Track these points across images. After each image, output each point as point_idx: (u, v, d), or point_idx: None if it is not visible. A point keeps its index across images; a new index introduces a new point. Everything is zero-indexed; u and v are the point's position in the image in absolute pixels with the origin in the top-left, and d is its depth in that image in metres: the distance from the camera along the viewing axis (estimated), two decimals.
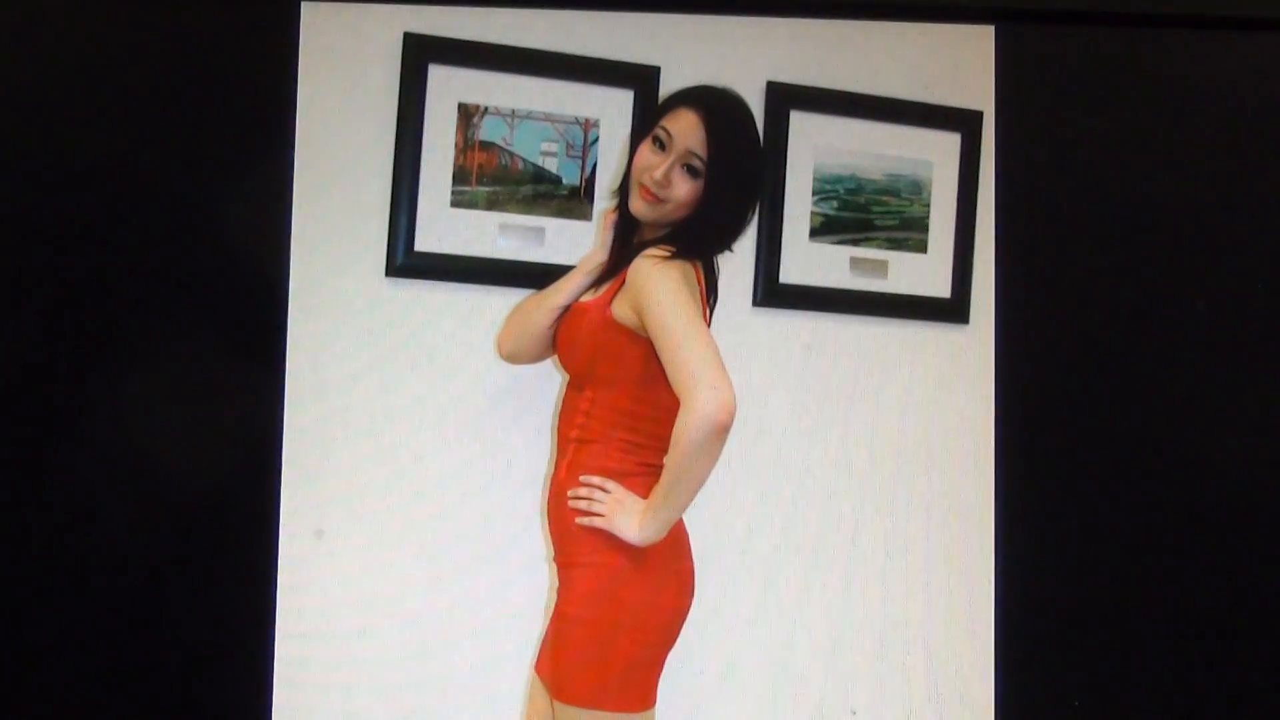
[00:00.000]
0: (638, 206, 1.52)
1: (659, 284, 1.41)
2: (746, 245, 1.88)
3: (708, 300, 1.54)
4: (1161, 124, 2.08)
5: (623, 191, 1.57)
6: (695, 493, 1.40)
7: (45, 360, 1.68)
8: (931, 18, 2.00)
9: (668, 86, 1.82)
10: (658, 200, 1.50)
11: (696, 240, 1.51)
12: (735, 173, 1.50)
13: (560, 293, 1.62)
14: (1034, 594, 2.05)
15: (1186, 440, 2.11)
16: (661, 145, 1.50)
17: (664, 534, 1.44)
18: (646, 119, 1.65)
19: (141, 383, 1.68)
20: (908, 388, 2.02)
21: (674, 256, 1.45)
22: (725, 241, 1.57)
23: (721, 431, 1.33)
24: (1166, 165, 2.08)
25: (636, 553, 1.44)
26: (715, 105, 1.51)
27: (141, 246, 1.70)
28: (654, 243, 1.49)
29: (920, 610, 2.03)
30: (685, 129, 1.48)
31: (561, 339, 1.59)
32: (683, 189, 1.49)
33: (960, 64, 2.03)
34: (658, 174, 1.48)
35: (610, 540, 1.45)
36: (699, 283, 1.50)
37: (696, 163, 1.48)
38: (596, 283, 1.59)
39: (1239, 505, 2.11)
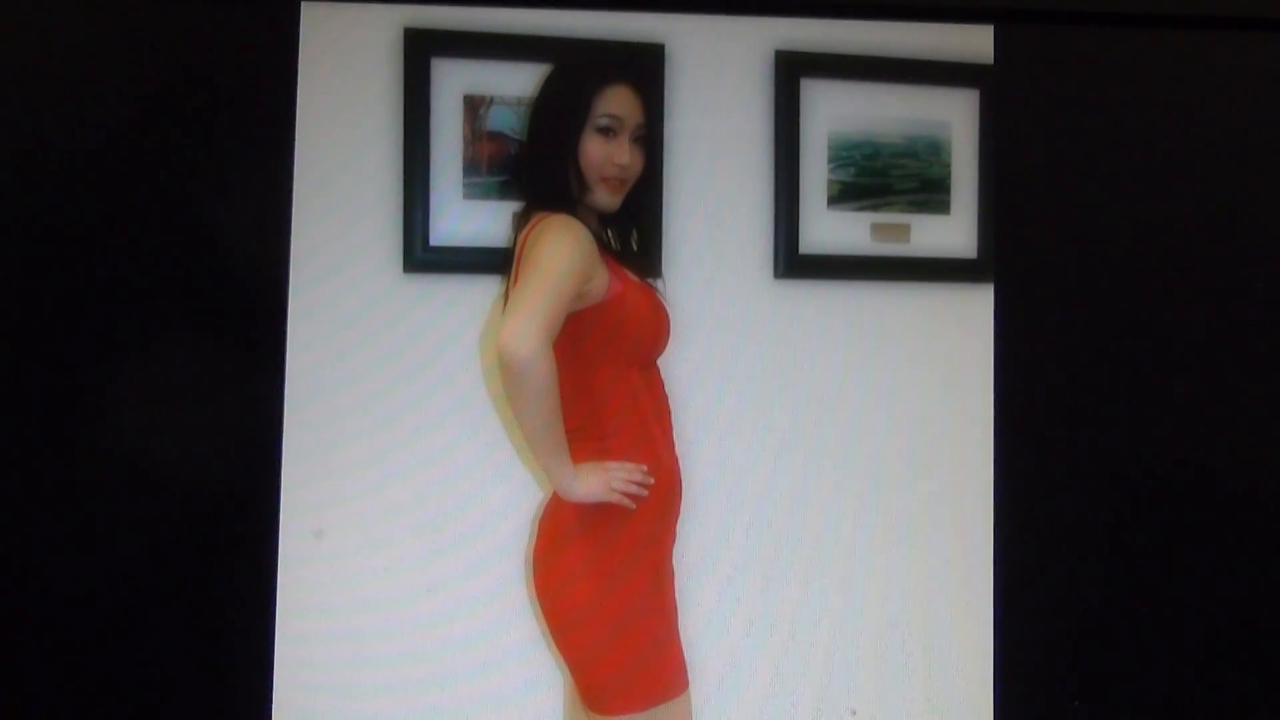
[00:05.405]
0: (606, 201, 1.51)
1: (549, 239, 1.40)
2: (764, 217, 1.86)
3: (626, 262, 1.52)
4: (1160, 125, 2.08)
5: (551, 200, 1.50)
6: (535, 430, 1.37)
7: (45, 360, 1.67)
8: (931, 18, 2.00)
9: (673, 64, 1.78)
10: (623, 184, 1.49)
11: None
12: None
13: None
14: (1034, 594, 2.04)
15: (1188, 439, 2.11)
16: (611, 132, 1.48)
17: (561, 481, 1.40)
18: (565, 115, 1.51)
19: (142, 382, 1.68)
20: (925, 364, 1.98)
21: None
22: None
23: (507, 365, 1.30)
24: (1165, 166, 2.08)
25: (553, 547, 1.45)
26: (631, 68, 1.52)
27: (142, 246, 1.70)
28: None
29: (920, 610, 2.03)
30: (626, 105, 1.48)
31: None
32: (639, 162, 1.49)
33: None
34: (622, 159, 1.47)
35: (549, 542, 1.46)
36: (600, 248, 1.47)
37: (643, 131, 1.48)
38: None
39: (1240, 504, 2.11)
